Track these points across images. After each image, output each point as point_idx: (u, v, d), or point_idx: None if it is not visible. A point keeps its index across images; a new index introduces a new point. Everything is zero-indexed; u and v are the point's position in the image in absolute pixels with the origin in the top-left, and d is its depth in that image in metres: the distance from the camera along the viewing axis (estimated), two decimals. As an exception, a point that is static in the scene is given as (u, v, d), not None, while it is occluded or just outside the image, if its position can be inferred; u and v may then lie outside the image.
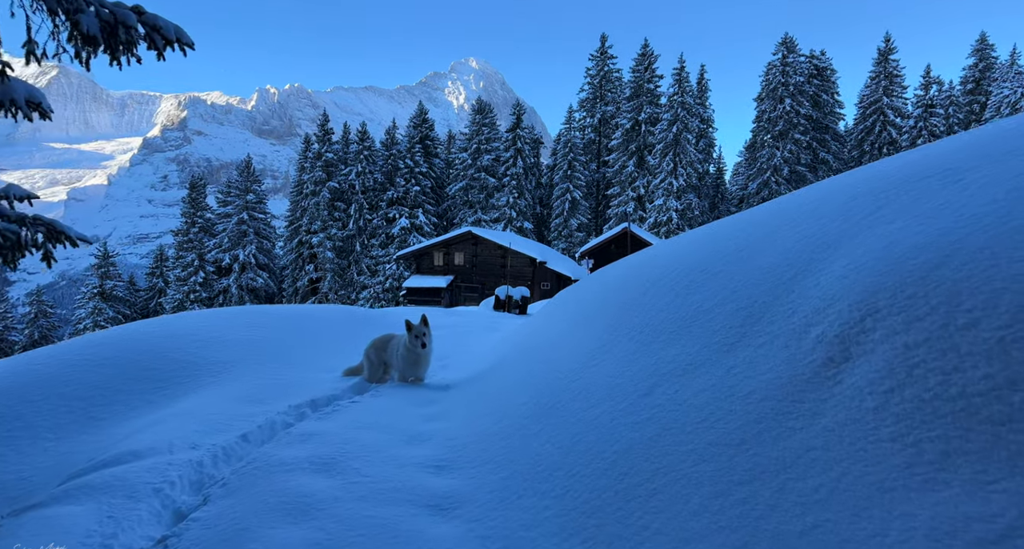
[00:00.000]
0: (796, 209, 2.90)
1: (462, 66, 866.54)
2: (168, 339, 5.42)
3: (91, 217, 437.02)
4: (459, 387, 4.97)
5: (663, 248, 4.35)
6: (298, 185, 63.59)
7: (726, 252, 3.03)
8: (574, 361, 3.36)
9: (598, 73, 64.77)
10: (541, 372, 3.61)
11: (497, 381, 4.35)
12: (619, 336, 3.18)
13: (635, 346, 2.93)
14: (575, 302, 4.84)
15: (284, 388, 4.82)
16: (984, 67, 59.04)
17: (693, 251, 3.41)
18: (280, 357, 5.86)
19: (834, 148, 57.65)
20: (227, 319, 6.41)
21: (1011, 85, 50.38)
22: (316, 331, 7.03)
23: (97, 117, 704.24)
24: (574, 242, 58.64)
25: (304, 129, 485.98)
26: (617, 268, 4.87)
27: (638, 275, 3.72)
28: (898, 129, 54.42)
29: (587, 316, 3.93)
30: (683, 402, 2.17)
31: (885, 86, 56.30)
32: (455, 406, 4.19)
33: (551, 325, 4.87)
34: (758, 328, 2.19)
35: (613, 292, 3.84)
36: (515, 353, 5.02)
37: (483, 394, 4.17)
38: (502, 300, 14.83)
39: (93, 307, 57.86)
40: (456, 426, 3.57)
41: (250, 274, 57.82)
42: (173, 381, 4.85)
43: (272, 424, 3.84)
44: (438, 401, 4.53)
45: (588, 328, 3.67)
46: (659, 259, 3.75)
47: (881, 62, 56.72)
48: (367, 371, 5.67)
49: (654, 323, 2.98)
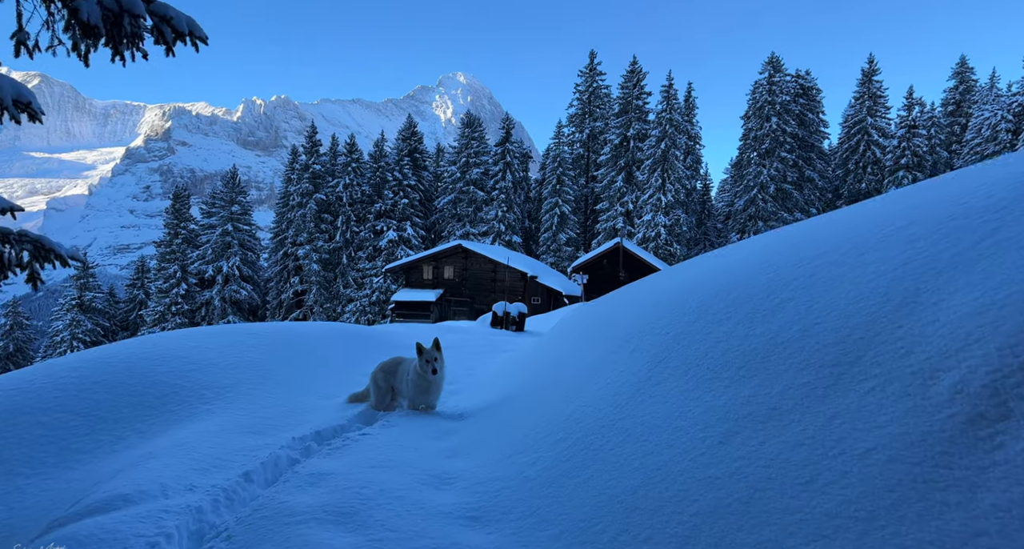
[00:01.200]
0: (868, 227, 2.66)
1: (450, 80, 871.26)
2: (157, 362, 5.04)
3: (71, 227, 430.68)
4: (475, 417, 4.66)
5: (701, 267, 4.07)
6: (284, 197, 62.94)
7: (788, 277, 2.78)
8: (614, 395, 3.08)
9: (587, 89, 65.20)
10: (574, 406, 3.32)
11: (519, 412, 4.06)
12: (669, 369, 2.90)
13: (692, 382, 2.66)
14: (600, 325, 4.54)
15: (284, 417, 4.47)
16: (964, 89, 60.34)
17: (748, 274, 3.13)
18: (275, 381, 5.49)
19: (819, 166, 58.37)
20: (216, 339, 6.03)
21: (991, 108, 51.46)
22: (311, 352, 6.65)
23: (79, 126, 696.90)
24: (563, 256, 58.59)
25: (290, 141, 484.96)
26: (647, 291, 4.55)
27: (682, 299, 3.44)
28: (882, 149, 55.24)
29: (620, 343, 3.64)
30: (775, 457, 1.87)
31: (869, 106, 57.21)
32: (476, 440, 3.87)
33: (573, 350, 4.56)
34: (860, 369, 1.90)
35: (653, 317, 3.55)
36: (535, 381, 4.73)
37: (505, 427, 3.86)
38: (499, 316, 14.49)
39: (71, 319, 56.61)
40: (482, 466, 3.26)
41: (234, 286, 56.93)
42: (164, 408, 4.47)
43: (276, 460, 3.49)
44: (455, 433, 4.21)
45: (625, 358, 3.37)
46: (703, 281, 3.46)
47: (865, 83, 57.71)
48: (374, 397, 5.33)
49: (715, 356, 2.70)
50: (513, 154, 61.13)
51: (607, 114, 63.57)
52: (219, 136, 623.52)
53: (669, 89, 54.57)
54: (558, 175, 59.46)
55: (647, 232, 52.83)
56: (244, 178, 65.07)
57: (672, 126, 53.54)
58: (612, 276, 40.94)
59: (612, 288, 40.20)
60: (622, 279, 41.15)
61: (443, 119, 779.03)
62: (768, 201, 53.70)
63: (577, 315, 6.49)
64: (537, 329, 15.15)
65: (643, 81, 59.29)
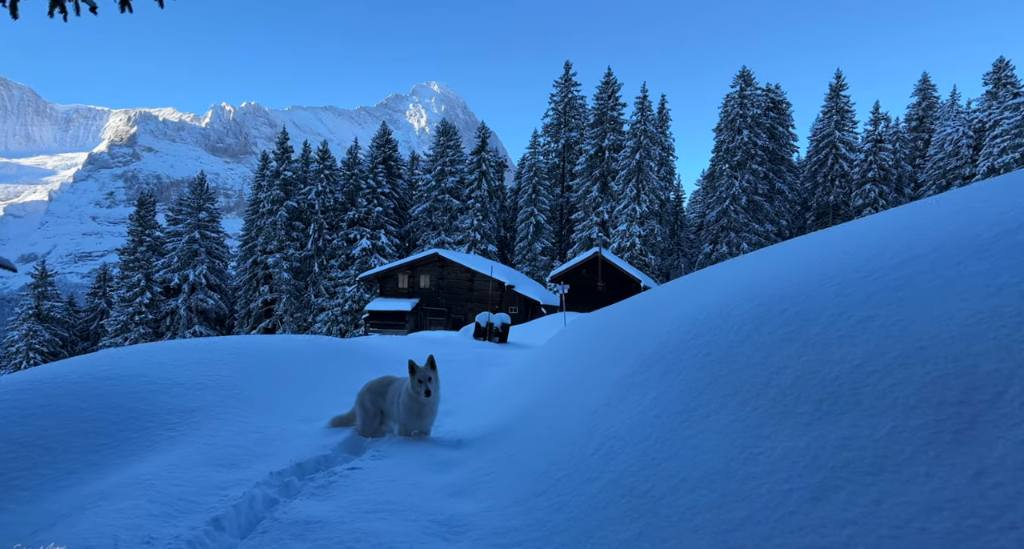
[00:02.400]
0: (954, 233, 2.33)
1: (424, 89, 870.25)
2: (115, 382, 4.50)
3: (29, 234, 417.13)
4: (476, 445, 4.21)
5: (731, 277, 3.68)
6: (254, 204, 61.58)
7: (864, 291, 2.43)
8: (650, 427, 2.69)
9: (562, 99, 65.42)
10: (599, 439, 2.92)
11: (528, 442, 3.63)
12: (718, 399, 2.53)
13: (755, 417, 2.28)
14: (612, 341, 4.13)
15: (259, 445, 3.98)
16: (927, 106, 62.07)
17: (804, 287, 2.78)
18: (249, 403, 4.97)
19: (789, 179, 59.37)
20: (183, 355, 5.47)
21: (953, 124, 52.98)
22: (288, 369, 6.11)
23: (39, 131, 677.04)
24: (538, 266, 58.41)
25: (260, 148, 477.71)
26: (669, 304, 4.11)
27: (720, 314, 3.08)
28: (849, 162, 56.42)
29: (645, 364, 3.25)
30: (902, 523, 1.48)
31: (837, 121, 58.44)
32: (482, 475, 3.43)
33: (582, 370, 4.14)
34: (1003, 411, 1.53)
35: (684, 335, 3.16)
36: (540, 404, 4.31)
37: (515, 460, 3.43)
38: (483, 328, 14.01)
39: (27, 329, 54.41)
40: (494, 510, 2.83)
41: (200, 295, 55.34)
42: (121, 436, 3.95)
43: (251, 501, 3.01)
44: (457, 465, 3.75)
45: (654, 382, 2.98)
46: (744, 294, 3.08)
47: (833, 98, 58.97)
48: (361, 422, 4.82)
49: (780, 385, 2.32)
50: (489, 163, 60.89)
51: (582, 125, 63.84)
52: (187, 142, 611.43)
53: (644, 101, 55.02)
54: (534, 185, 59.39)
55: (622, 242, 52.95)
56: (212, 185, 63.59)
57: (647, 137, 53.93)
58: (590, 286, 40.80)
59: (591, 298, 40.12)
60: (600, 289, 41.05)
61: (417, 128, 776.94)
62: (740, 212, 54.30)
63: (577, 329, 6.08)
64: (520, 340, 14.72)
65: (618, 92, 59.73)
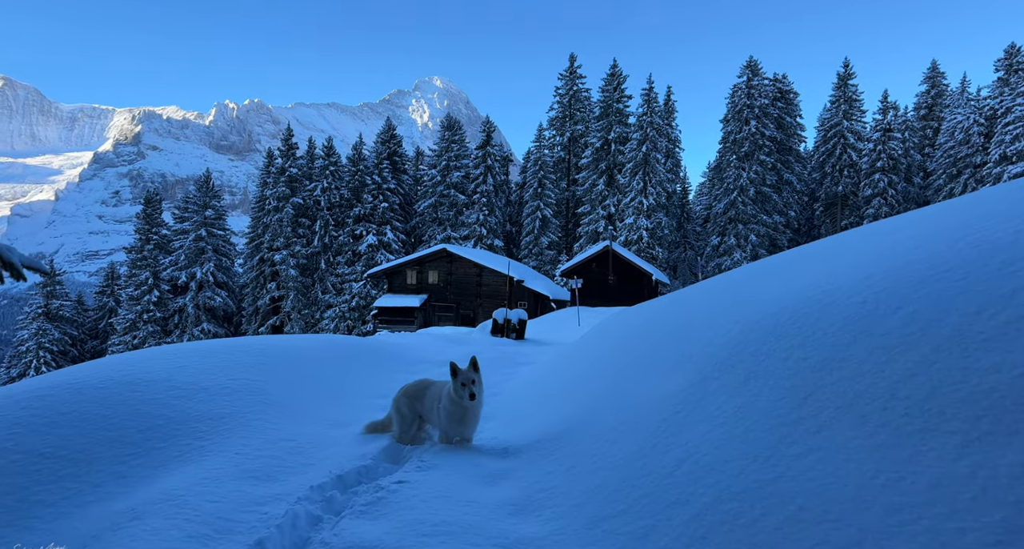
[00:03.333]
0: None
1: (426, 84, 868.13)
2: (138, 387, 4.30)
3: (36, 233, 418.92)
4: (526, 454, 3.93)
5: (813, 267, 3.35)
6: (260, 201, 61.45)
7: (1011, 287, 2.14)
8: (742, 443, 2.43)
9: (567, 92, 64.95)
10: (676, 455, 2.65)
11: (588, 453, 3.35)
12: (828, 412, 2.25)
13: (883, 434, 2.01)
14: (663, 340, 3.87)
15: (293, 454, 3.78)
16: (936, 94, 61.31)
17: (916, 281, 2.50)
18: (277, 408, 4.75)
19: (797, 169, 58.85)
20: (206, 358, 5.26)
21: (963, 111, 52.28)
22: (314, 371, 5.89)
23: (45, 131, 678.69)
24: (545, 260, 58.16)
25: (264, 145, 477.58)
26: (732, 299, 3.77)
27: (811, 312, 2.80)
28: (858, 152, 55.82)
29: (717, 368, 2.95)
30: None
31: (845, 110, 57.81)
32: (540, 489, 3.17)
33: (632, 371, 3.88)
34: None
35: (764, 335, 2.85)
36: (590, 409, 4.02)
37: (576, 474, 3.16)
38: (500, 324, 13.76)
39: (37, 328, 54.51)
40: (563, 532, 2.57)
41: (208, 293, 55.32)
42: (147, 445, 3.75)
43: (294, 520, 2.79)
44: (509, 476, 3.50)
45: (734, 389, 2.72)
46: (836, 288, 2.78)
47: (841, 87, 58.34)
48: (398, 428, 4.56)
49: (911, 397, 2.05)
50: (494, 157, 60.56)
51: (588, 117, 63.38)
52: (191, 140, 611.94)
53: (650, 92, 54.52)
54: (539, 178, 59.06)
55: (629, 235, 52.60)
56: (217, 183, 63.51)
57: (653, 129, 53.46)
58: (601, 280, 40.54)
59: (602, 292, 39.85)
60: (611, 283, 40.78)
61: (420, 123, 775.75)
62: (748, 204, 53.85)
63: (615, 327, 5.79)
64: (535, 337, 14.49)
65: (623, 84, 59.21)
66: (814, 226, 63.04)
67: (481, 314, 41.59)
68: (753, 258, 52.60)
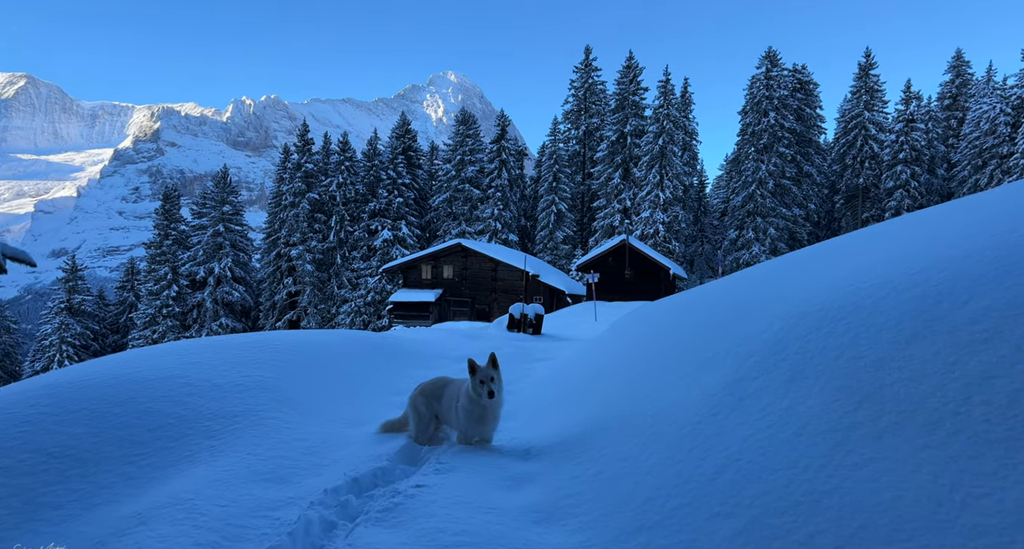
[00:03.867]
0: None
1: (441, 79, 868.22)
2: (149, 384, 4.19)
3: (59, 229, 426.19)
4: (548, 456, 3.74)
5: (830, 259, 3.12)
6: (276, 196, 61.82)
7: None
8: (791, 449, 2.20)
9: (582, 85, 64.45)
10: (716, 461, 2.45)
11: (615, 457, 3.15)
12: (888, 416, 2.02)
13: (958, 443, 1.79)
14: (692, 335, 3.64)
15: (307, 455, 3.65)
16: (960, 83, 59.95)
17: (982, 272, 2.29)
18: (291, 405, 4.62)
19: (817, 161, 57.95)
20: (219, 354, 5.16)
21: (990, 101, 51.04)
22: (325, 367, 5.74)
23: (66, 128, 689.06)
24: (560, 254, 57.90)
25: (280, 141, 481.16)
26: (768, 292, 3.50)
27: (862, 306, 2.58)
28: (879, 143, 54.81)
29: (757, 367, 2.69)
30: None
31: (866, 101, 56.77)
32: (565, 495, 2.98)
33: (659, 369, 3.66)
34: None
35: (809, 332, 2.61)
36: (614, 408, 3.84)
37: (605, 481, 2.96)
38: (517, 319, 13.58)
39: (60, 322, 55.43)
40: (596, 545, 2.39)
41: (226, 288, 55.82)
42: (157, 445, 3.63)
43: (307, 527, 2.65)
44: (532, 480, 3.33)
45: (778, 390, 2.54)
46: (888, 278, 2.54)
47: (862, 77, 57.28)
48: (415, 427, 4.39)
49: (991, 401, 1.84)
50: (509, 151, 60.31)
51: (603, 110, 62.83)
52: (208, 137, 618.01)
53: (666, 84, 53.89)
54: (554, 172, 58.73)
55: (645, 229, 52.16)
56: (234, 179, 63.96)
57: (670, 121, 52.85)
58: (618, 274, 40.16)
59: (618, 286, 39.51)
60: (628, 277, 40.41)
61: (434, 118, 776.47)
62: (767, 196, 53.12)
63: (638, 322, 5.58)
64: (552, 332, 14.30)
65: (640, 76, 58.57)
66: (834, 219, 62.09)
67: (496, 309, 41.48)
68: (772, 252, 51.92)
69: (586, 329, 15.49)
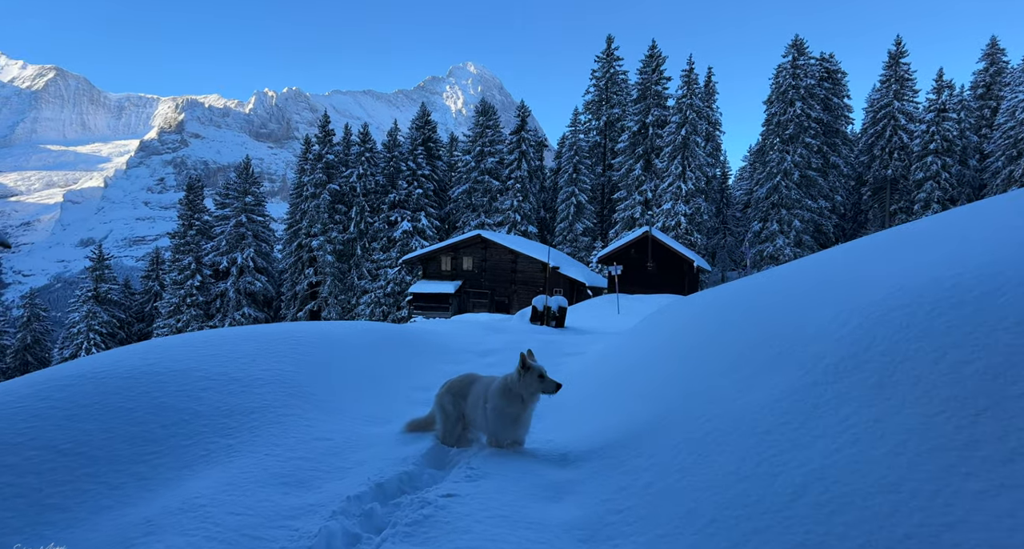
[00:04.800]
0: None
1: (460, 71, 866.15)
2: (164, 378, 4.00)
3: (88, 220, 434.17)
4: (587, 462, 3.43)
5: (909, 245, 2.74)
6: (297, 187, 62.16)
7: None
8: (890, 470, 1.89)
9: (604, 75, 63.64)
10: (793, 479, 2.13)
11: (668, 467, 2.83)
12: (1019, 434, 1.70)
13: None
14: (745, 333, 3.32)
15: (329, 456, 3.43)
16: (995, 72, 58.14)
17: None
18: (311, 402, 4.39)
19: (844, 152, 56.65)
20: (237, 345, 4.96)
21: (1025, 89, 49.39)
22: (346, 361, 5.50)
23: (94, 119, 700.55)
24: (579, 246, 57.44)
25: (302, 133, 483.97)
26: (824, 287, 3.17)
27: (966, 301, 2.23)
28: (909, 134, 53.38)
29: (834, 371, 2.38)
30: None
31: (896, 90, 55.30)
32: (613, 511, 2.68)
33: (708, 369, 3.37)
34: None
35: (896, 331, 2.24)
36: (666, 417, 3.45)
37: (658, 495, 2.64)
38: (540, 312, 13.30)
39: (87, 311, 56.48)
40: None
41: (248, 278, 56.32)
42: (171, 442, 3.44)
43: (329, 540, 2.39)
44: (571, 491, 3.04)
45: (862, 399, 2.20)
46: (981, 272, 2.20)
47: (892, 65, 55.77)
48: (442, 428, 4.11)
49: None
50: (528, 142, 59.81)
51: (625, 101, 61.98)
52: (231, 128, 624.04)
53: (690, 73, 52.92)
54: (574, 164, 58.16)
55: (667, 221, 51.43)
56: (257, 170, 64.46)
57: (693, 111, 51.91)
58: (640, 266, 39.61)
59: (640, 279, 39.05)
60: (650, 270, 39.88)
61: (454, 110, 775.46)
62: (792, 188, 52.01)
63: (677, 316, 5.26)
64: (575, 324, 14.01)
65: (662, 66, 57.61)
66: (860, 211, 60.75)
67: (516, 301, 41.25)
68: (796, 244, 50.91)
69: (610, 322, 15.16)
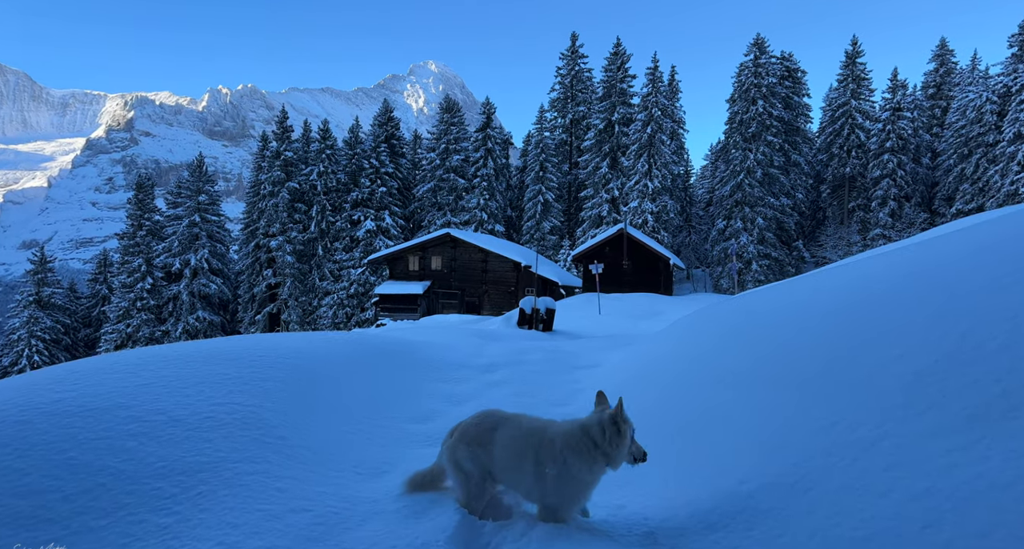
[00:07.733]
0: None
1: (421, 69, 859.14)
2: (74, 421, 2.85)
3: (30, 221, 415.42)
4: (688, 544, 2.29)
5: None
6: (254, 186, 59.85)
7: None
8: None
9: (569, 73, 63.19)
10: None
11: None
12: None
13: None
14: (835, 348, 2.46)
15: (308, 542, 2.39)
16: (944, 72, 59.87)
17: None
18: (279, 448, 3.26)
19: (804, 150, 57.50)
20: (180, 370, 3.80)
21: (975, 89, 50.80)
22: (321, 385, 4.32)
23: (36, 117, 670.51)
24: (547, 245, 56.86)
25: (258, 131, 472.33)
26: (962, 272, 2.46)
27: None
28: (866, 132, 54.49)
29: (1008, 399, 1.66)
30: None
31: (853, 89, 56.40)
32: None
33: (827, 396, 2.46)
34: None
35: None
36: (797, 469, 2.37)
37: None
38: (528, 314, 12.35)
39: (28, 316, 53.27)
40: None
41: (203, 280, 53.90)
42: (78, 525, 2.34)
43: None
44: None
45: None
46: None
47: (849, 65, 56.82)
48: (464, 493, 2.98)
49: None
50: (495, 140, 58.94)
51: (590, 98, 61.66)
52: (184, 126, 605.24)
53: (655, 71, 52.82)
54: (541, 162, 57.54)
55: (634, 219, 51.22)
56: (211, 169, 61.98)
57: (659, 109, 51.84)
58: (615, 264, 38.96)
59: (616, 278, 38.42)
60: (626, 268, 39.34)
61: (415, 108, 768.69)
62: (755, 186, 52.38)
63: (733, 321, 4.40)
64: (562, 327, 13.15)
65: (627, 63, 57.44)
66: (819, 209, 61.75)
67: (487, 301, 40.26)
68: (760, 242, 51.25)
69: (594, 323, 14.42)
